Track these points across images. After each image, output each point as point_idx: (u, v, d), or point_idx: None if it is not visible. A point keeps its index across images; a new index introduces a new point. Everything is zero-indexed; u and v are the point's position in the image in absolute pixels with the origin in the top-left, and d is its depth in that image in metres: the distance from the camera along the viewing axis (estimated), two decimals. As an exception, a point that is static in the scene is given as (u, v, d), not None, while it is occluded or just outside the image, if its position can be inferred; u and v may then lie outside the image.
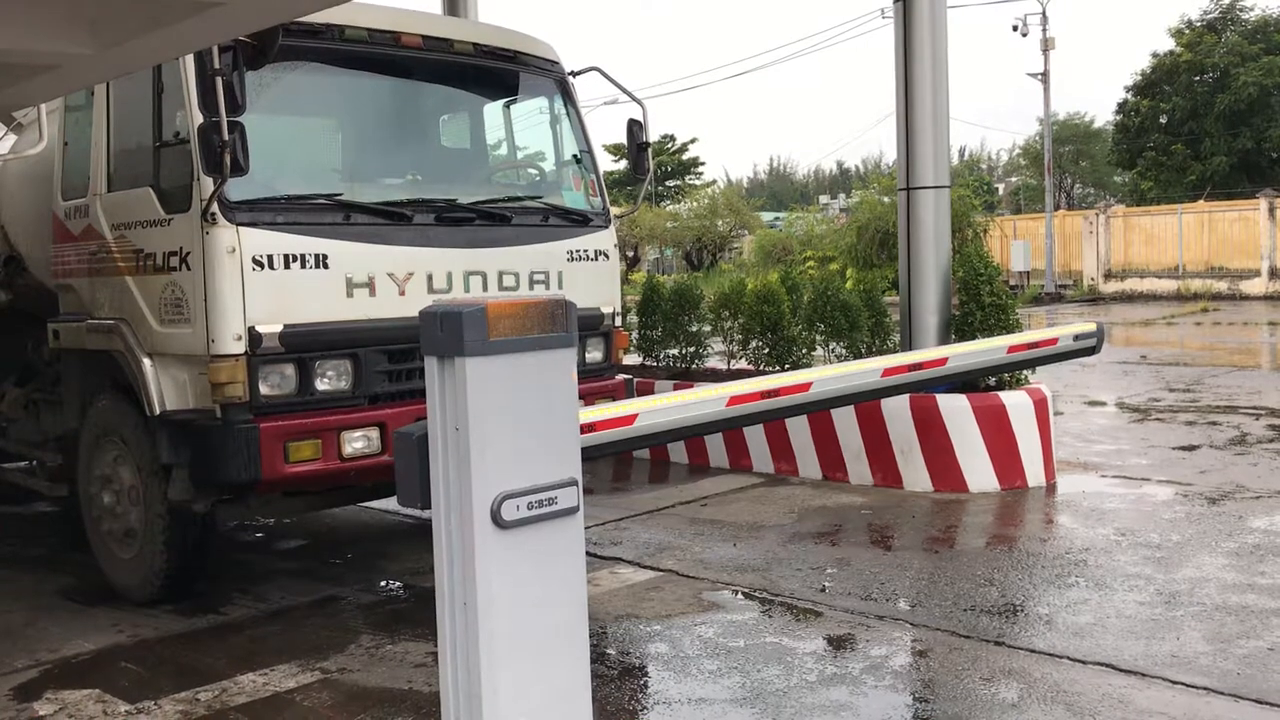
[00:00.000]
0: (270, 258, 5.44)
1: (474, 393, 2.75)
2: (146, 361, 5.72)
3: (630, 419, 3.88)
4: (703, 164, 62.63)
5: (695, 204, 45.69)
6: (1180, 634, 5.13)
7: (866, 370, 5.19)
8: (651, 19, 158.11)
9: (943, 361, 5.45)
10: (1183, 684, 4.56)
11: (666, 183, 59.20)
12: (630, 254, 43.01)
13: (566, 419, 2.97)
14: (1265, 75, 37.18)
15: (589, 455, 3.25)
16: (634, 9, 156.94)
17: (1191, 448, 9.66)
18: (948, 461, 8.18)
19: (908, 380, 5.31)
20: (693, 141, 63.89)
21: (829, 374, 4.85)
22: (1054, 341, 5.80)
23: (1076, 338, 5.96)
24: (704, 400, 4.16)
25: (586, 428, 3.30)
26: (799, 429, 8.90)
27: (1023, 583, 6.05)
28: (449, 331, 2.76)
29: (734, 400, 4.30)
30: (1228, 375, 14.59)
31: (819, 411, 8.70)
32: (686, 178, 61.04)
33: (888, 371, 5.17)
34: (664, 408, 4.09)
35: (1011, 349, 5.72)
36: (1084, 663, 4.84)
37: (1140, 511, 7.50)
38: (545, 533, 2.90)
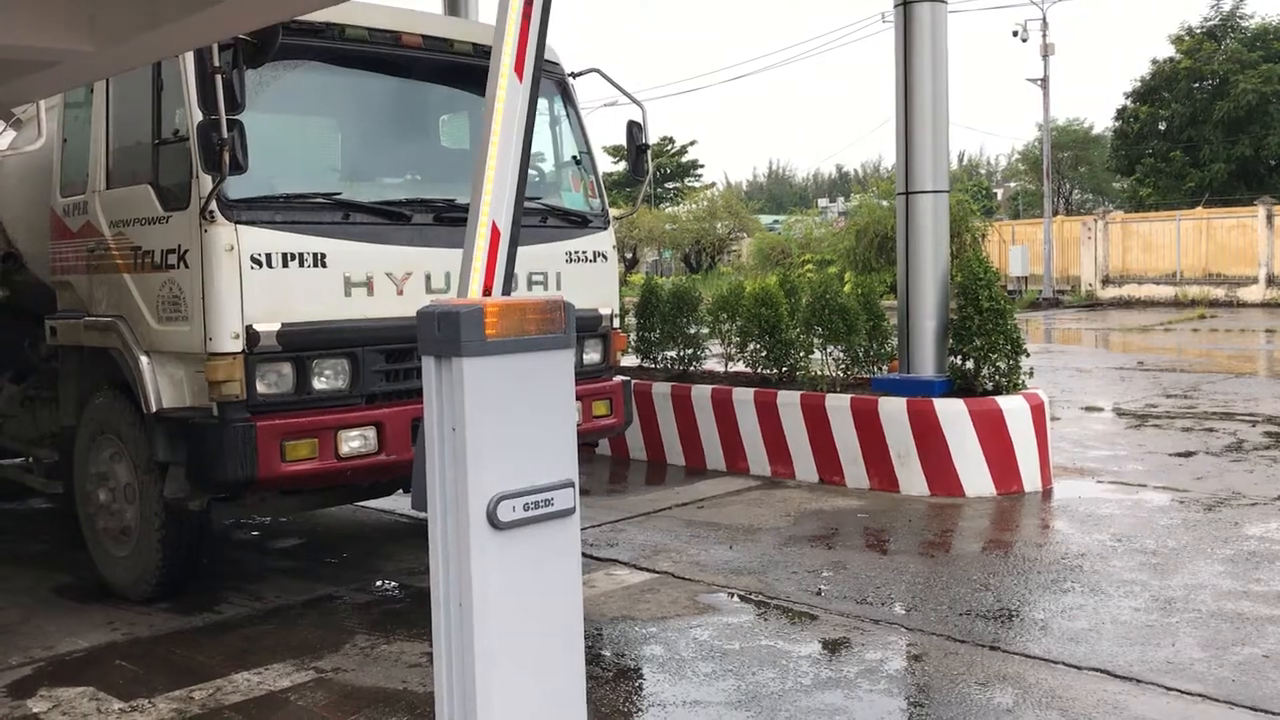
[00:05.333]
0: (268, 256, 5.44)
1: (471, 393, 2.74)
2: (144, 359, 5.71)
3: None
4: (702, 166, 62.76)
5: (694, 206, 45.78)
6: (1176, 640, 5.13)
7: None
8: (652, 21, 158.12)
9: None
10: (1178, 690, 4.56)
11: (665, 185, 59.25)
12: (629, 255, 43.06)
13: (564, 420, 2.97)
14: (1264, 83, 37.23)
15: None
16: (635, 11, 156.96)
17: (1188, 454, 9.66)
18: (944, 466, 8.18)
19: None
20: (692, 144, 64.05)
21: None
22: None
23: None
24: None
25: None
26: (796, 433, 8.90)
27: (1018, 588, 6.05)
28: (446, 331, 2.75)
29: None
30: (1224, 382, 14.60)
31: (816, 415, 8.75)
32: (686, 180, 61.10)
33: None
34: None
35: None
36: (1079, 668, 4.83)
37: (1136, 517, 7.50)
38: (541, 534, 2.90)
